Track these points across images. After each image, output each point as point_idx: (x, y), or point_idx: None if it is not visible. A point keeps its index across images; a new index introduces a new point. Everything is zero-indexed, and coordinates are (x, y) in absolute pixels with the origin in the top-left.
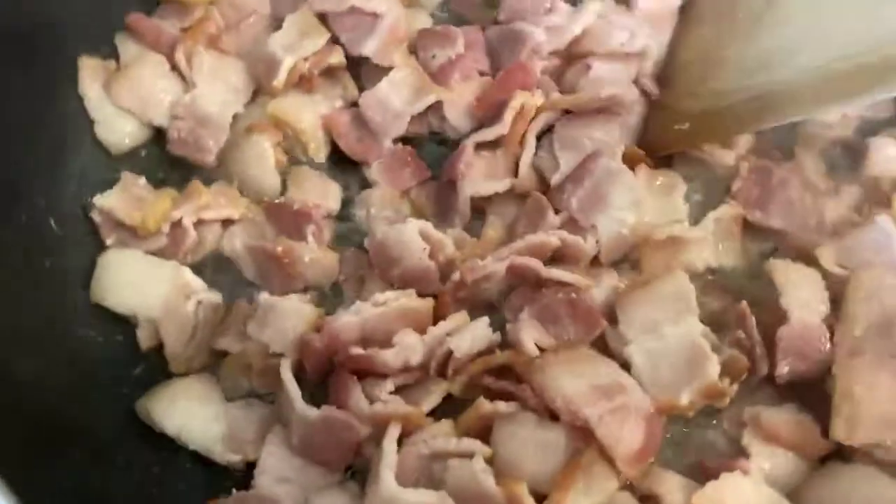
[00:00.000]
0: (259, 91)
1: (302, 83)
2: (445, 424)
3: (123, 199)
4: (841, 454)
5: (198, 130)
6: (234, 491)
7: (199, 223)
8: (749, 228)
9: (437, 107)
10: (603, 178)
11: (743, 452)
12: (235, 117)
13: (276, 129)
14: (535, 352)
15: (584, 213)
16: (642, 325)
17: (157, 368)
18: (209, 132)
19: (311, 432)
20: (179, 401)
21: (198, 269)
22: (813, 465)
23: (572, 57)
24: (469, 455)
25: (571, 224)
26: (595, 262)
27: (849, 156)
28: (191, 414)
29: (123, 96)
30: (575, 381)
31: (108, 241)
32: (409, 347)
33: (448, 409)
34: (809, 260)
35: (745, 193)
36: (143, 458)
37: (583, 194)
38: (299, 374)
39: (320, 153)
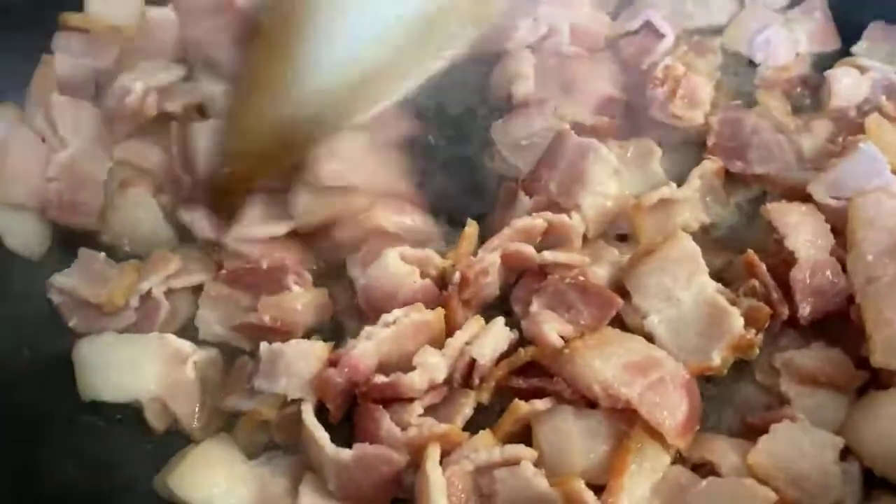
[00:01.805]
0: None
1: (149, 125)
2: (485, 435)
3: (83, 277)
4: (878, 382)
5: (76, 192)
6: None
7: (169, 293)
8: (732, 180)
9: None
10: (576, 156)
11: (783, 400)
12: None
13: (148, 176)
14: (560, 342)
15: (566, 194)
16: (656, 294)
17: (168, 440)
18: (89, 193)
19: (347, 474)
20: (200, 469)
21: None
22: (852, 399)
23: None
24: (516, 462)
25: (552, 207)
26: (588, 240)
27: (810, 92)
28: (215, 481)
29: (9, 192)
30: (607, 363)
31: (72, 323)
32: (432, 366)
33: (482, 420)
34: (800, 198)
35: (721, 146)
36: None
37: (559, 177)
38: (318, 415)
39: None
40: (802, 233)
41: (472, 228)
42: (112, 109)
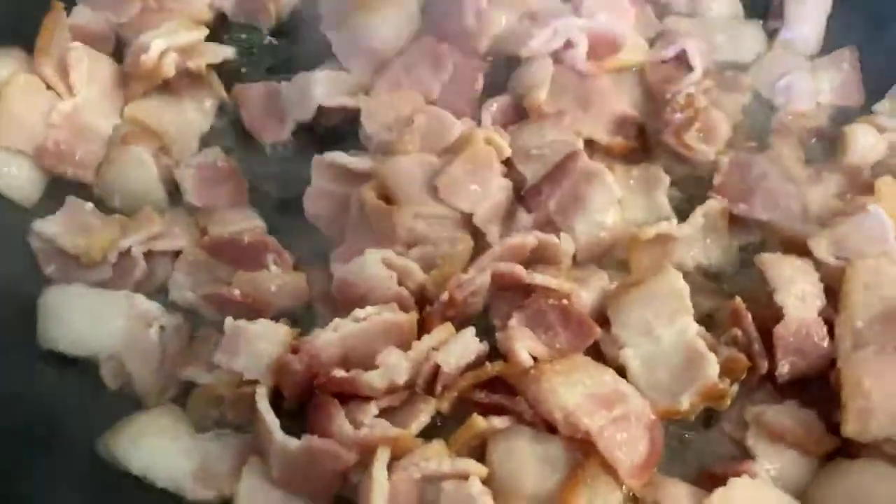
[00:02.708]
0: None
1: (166, 86)
2: (437, 445)
3: (66, 226)
4: (847, 450)
5: (77, 143)
6: None
7: (148, 254)
8: (735, 223)
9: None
10: (581, 180)
11: (748, 454)
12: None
13: (152, 136)
14: (530, 361)
15: (562, 214)
16: (636, 327)
17: (117, 401)
18: (88, 145)
19: (292, 463)
20: (145, 437)
21: (150, 298)
22: (819, 463)
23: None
24: (464, 476)
25: (546, 224)
26: (578, 262)
27: (825, 144)
28: (158, 450)
29: (8, 134)
30: (572, 390)
31: (48, 271)
32: (394, 367)
33: (438, 428)
34: (799, 251)
35: (727, 187)
36: (106, 501)
37: (560, 195)
38: (274, 401)
39: (185, 155)
40: (794, 288)
41: (462, 245)
42: (129, 66)
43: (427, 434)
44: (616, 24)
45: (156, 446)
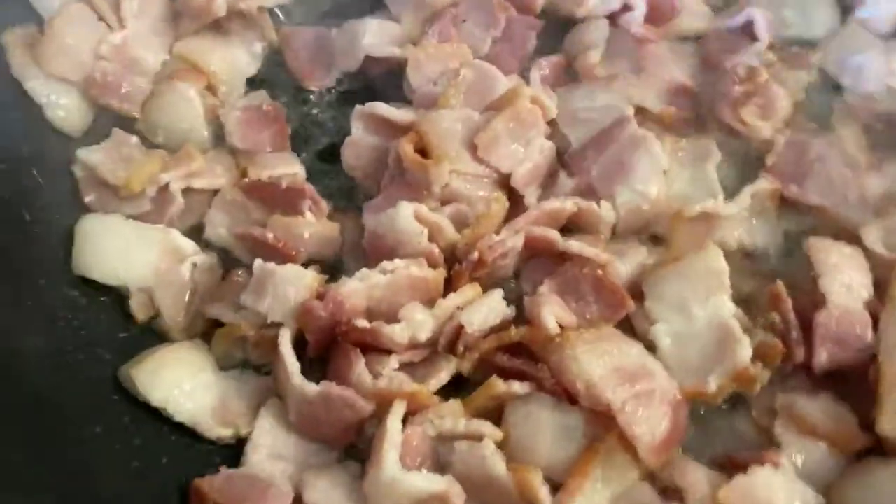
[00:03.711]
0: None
1: (217, 26)
2: (454, 405)
3: (110, 156)
4: (879, 450)
5: (125, 76)
6: (222, 468)
7: (187, 191)
8: (785, 205)
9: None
10: (627, 146)
11: (774, 444)
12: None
13: (200, 75)
14: (556, 329)
15: (604, 181)
16: (671, 304)
17: (144, 334)
18: (135, 79)
19: (309, 409)
20: (167, 369)
21: (186, 236)
22: (848, 460)
23: None
24: (478, 438)
25: (588, 191)
26: (618, 233)
27: (892, 131)
28: (178, 383)
29: (57, 63)
30: (597, 362)
31: (88, 199)
32: (417, 322)
33: (458, 388)
34: (851, 239)
35: (781, 167)
36: (124, 429)
37: (604, 161)
38: (297, 346)
39: (232, 97)
40: (840, 276)
41: (498, 204)
42: (181, 3)
43: (447, 394)
44: None
45: (176, 379)
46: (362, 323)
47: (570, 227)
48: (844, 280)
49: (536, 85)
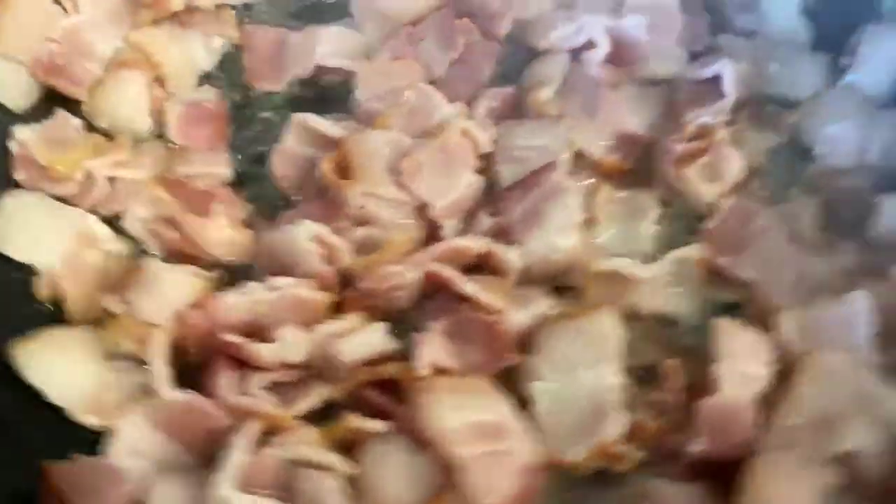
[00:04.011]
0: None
1: (178, 16)
2: (313, 432)
3: (46, 136)
4: None
5: (72, 59)
6: (77, 456)
7: (115, 179)
8: (714, 275)
9: None
10: (547, 193)
11: None
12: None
13: (151, 66)
14: (425, 370)
15: (521, 225)
16: (557, 362)
17: (46, 314)
18: (85, 63)
19: (171, 413)
20: (51, 352)
21: (109, 223)
22: None
23: None
24: (327, 470)
25: (505, 233)
26: (528, 279)
27: (857, 211)
28: (58, 367)
29: (6, 42)
30: (455, 413)
31: (19, 177)
32: (289, 345)
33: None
34: (768, 324)
35: (718, 235)
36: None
37: (525, 205)
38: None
39: (180, 90)
40: (737, 363)
41: (403, 237)
42: None
43: (322, 420)
44: (643, 30)
45: (57, 362)
46: (231, 337)
47: (478, 265)
48: (741, 368)
49: (479, 116)
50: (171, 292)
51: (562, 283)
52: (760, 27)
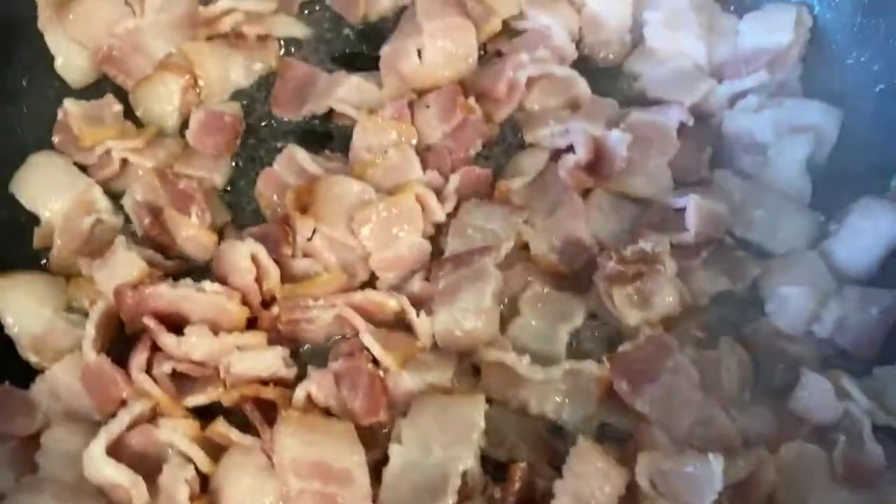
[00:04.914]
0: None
1: (230, 37)
2: (192, 424)
3: (85, 113)
4: None
5: (128, 54)
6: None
7: (125, 161)
8: (612, 397)
9: None
10: (470, 274)
11: None
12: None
13: (192, 74)
14: (299, 401)
15: (440, 295)
16: (419, 431)
17: (33, 257)
18: (139, 60)
19: (87, 371)
20: (20, 291)
21: (112, 196)
22: None
23: None
24: (189, 460)
25: (425, 299)
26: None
27: (785, 379)
28: (21, 305)
29: (76, 28)
30: (304, 448)
31: (55, 139)
32: (191, 343)
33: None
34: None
35: (626, 360)
36: None
37: (451, 279)
38: None
39: (211, 100)
40: (578, 485)
41: (328, 276)
42: (200, 11)
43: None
44: (623, 147)
45: (22, 301)
46: (149, 321)
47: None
48: (580, 491)
49: (450, 188)
50: (120, 268)
51: (468, 362)
52: (762, 172)
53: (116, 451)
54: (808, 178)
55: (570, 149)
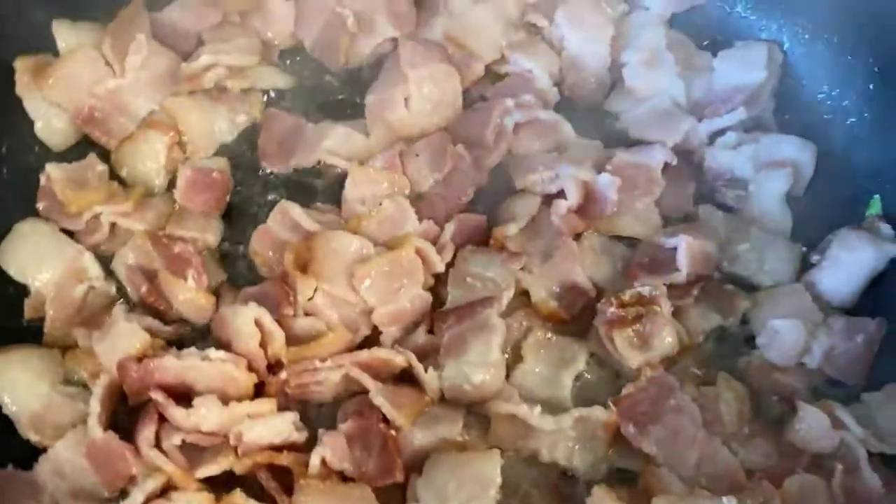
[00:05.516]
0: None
1: (212, 91)
2: (206, 497)
3: (69, 176)
4: None
5: (110, 114)
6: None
7: (114, 225)
8: (619, 441)
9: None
10: (474, 326)
11: None
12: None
13: (176, 131)
14: (315, 468)
15: (446, 349)
16: (436, 491)
17: (26, 329)
18: (121, 119)
19: (92, 448)
20: (16, 367)
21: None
22: None
23: None
24: None
25: (431, 352)
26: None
27: (781, 411)
28: (18, 383)
29: (56, 92)
30: None
31: (39, 206)
32: (201, 415)
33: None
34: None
35: (630, 403)
36: None
37: (456, 331)
38: None
39: (196, 156)
40: None
41: (333, 336)
42: (180, 69)
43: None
44: (613, 190)
45: (19, 378)
46: (157, 394)
47: (403, 377)
48: None
49: (446, 237)
50: (122, 340)
51: (477, 412)
52: (744, 206)
53: None
54: (788, 210)
55: (561, 193)
